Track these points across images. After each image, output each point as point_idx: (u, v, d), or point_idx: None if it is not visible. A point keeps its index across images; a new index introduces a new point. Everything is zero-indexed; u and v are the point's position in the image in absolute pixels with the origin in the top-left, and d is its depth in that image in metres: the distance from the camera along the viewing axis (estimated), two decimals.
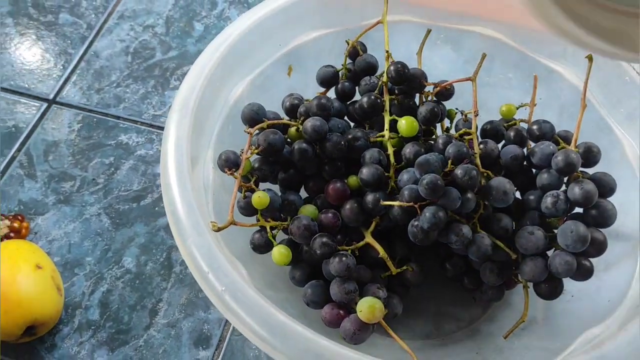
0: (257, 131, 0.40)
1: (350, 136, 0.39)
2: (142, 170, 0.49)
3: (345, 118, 0.42)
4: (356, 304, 0.33)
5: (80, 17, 0.58)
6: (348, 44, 0.43)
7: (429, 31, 0.41)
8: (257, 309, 0.30)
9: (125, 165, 0.50)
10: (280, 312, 0.30)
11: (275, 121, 0.41)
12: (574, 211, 0.40)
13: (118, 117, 0.52)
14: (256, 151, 0.39)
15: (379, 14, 0.42)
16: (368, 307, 0.32)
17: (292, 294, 0.37)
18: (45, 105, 0.53)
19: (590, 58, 0.38)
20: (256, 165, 0.40)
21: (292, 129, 0.42)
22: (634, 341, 0.30)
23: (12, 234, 0.43)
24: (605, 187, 0.40)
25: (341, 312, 0.33)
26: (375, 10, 0.42)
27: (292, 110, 0.43)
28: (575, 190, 0.36)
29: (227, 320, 0.43)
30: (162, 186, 0.34)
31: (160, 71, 0.55)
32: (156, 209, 0.48)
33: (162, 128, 0.52)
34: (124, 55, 0.56)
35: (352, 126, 0.42)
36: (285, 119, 0.43)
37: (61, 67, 0.55)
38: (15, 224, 0.43)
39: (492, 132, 0.40)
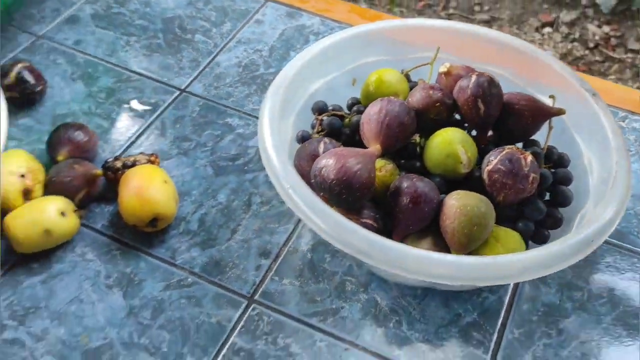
0: (324, 117, 0.59)
1: None
2: (238, 142, 0.69)
3: None
4: None
5: (210, 39, 0.81)
6: (402, 72, 0.63)
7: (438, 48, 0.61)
8: (310, 201, 0.47)
9: (228, 137, 0.69)
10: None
11: (336, 112, 0.61)
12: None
13: (227, 107, 0.73)
14: (322, 132, 0.58)
15: (420, 51, 0.62)
16: None
17: None
18: (177, 92, 0.74)
19: (552, 97, 0.56)
20: None
21: (347, 120, 0.60)
22: None
23: (148, 163, 0.63)
24: (564, 177, 0.56)
25: None
26: (418, 49, 0.62)
27: (351, 106, 0.62)
28: None
29: (285, 242, 0.60)
30: (258, 132, 0.53)
31: (261, 81, 0.76)
32: (245, 168, 0.66)
33: (256, 117, 0.72)
34: (236, 68, 0.77)
35: None
36: (346, 112, 0.62)
37: (191, 70, 0.77)
38: (152, 158, 0.63)
39: None
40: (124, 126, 0.70)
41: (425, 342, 0.54)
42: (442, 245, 0.51)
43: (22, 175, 0.58)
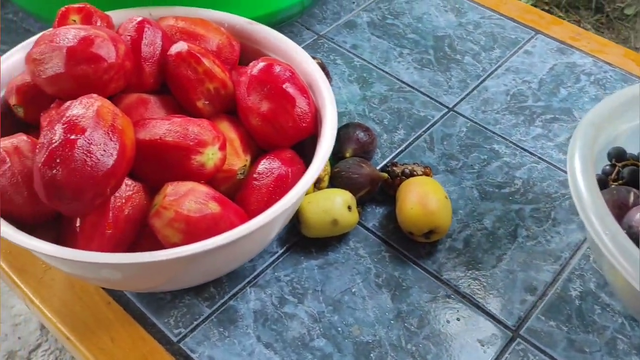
0: (623, 165, 0.57)
1: None
2: (505, 170, 0.69)
3: None
4: None
5: (479, 62, 0.81)
6: None
7: None
8: (630, 253, 0.46)
9: (494, 164, 0.69)
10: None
11: (635, 161, 0.58)
12: None
13: (494, 133, 0.73)
14: (619, 181, 0.56)
15: None
16: None
17: None
18: (446, 110, 0.75)
19: None
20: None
21: None
22: None
23: (423, 175, 0.64)
24: None
25: None
26: None
27: None
28: None
29: (552, 282, 0.59)
30: (568, 171, 0.52)
31: (529, 112, 0.75)
32: (510, 198, 0.66)
33: (523, 149, 0.71)
34: (504, 95, 0.77)
35: None
36: None
37: (460, 90, 0.78)
38: (426, 171, 0.65)
39: None
40: (395, 134, 0.72)
41: None
42: None
43: None
